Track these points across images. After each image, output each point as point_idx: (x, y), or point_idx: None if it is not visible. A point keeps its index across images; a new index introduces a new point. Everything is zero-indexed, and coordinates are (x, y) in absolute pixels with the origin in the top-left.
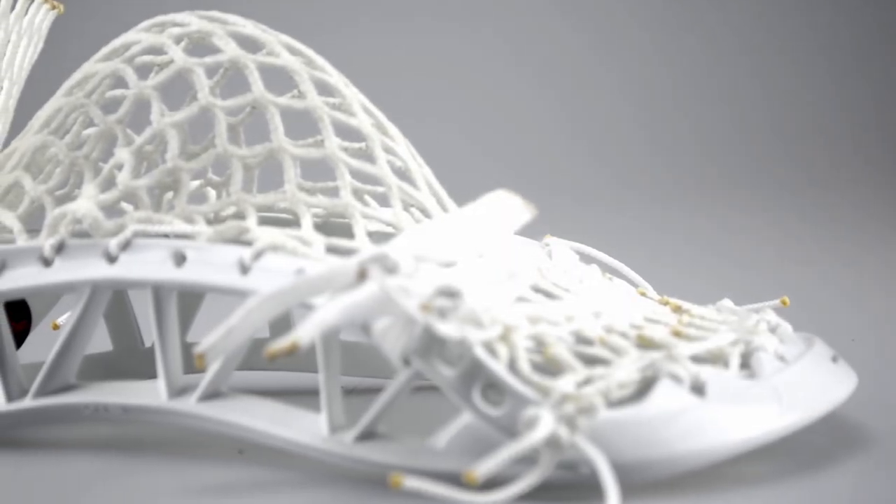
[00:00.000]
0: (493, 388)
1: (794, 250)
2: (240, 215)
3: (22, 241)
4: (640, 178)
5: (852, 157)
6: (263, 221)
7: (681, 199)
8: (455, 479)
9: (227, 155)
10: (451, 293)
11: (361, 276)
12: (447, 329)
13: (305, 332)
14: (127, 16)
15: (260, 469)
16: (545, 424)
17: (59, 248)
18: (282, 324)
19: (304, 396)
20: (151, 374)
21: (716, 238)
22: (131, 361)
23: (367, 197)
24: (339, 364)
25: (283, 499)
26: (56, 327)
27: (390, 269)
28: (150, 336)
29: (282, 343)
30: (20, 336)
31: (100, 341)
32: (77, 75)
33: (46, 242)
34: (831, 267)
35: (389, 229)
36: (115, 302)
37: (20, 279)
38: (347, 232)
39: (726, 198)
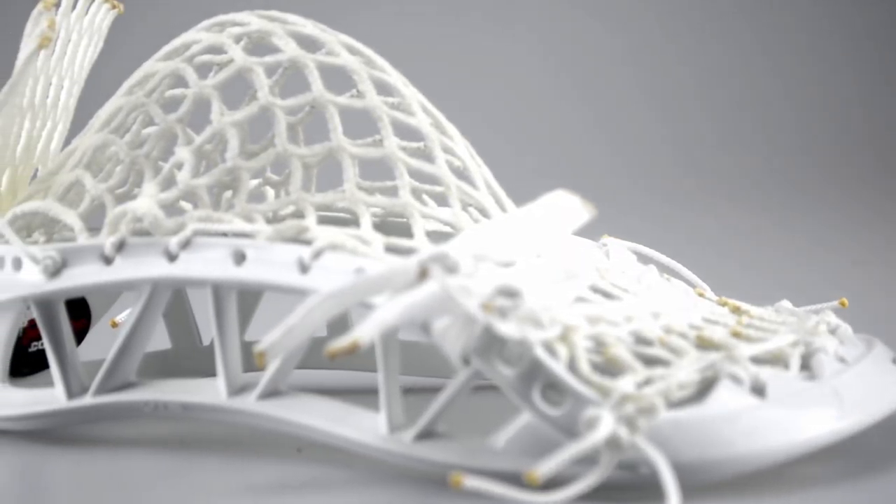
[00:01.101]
0: (553, 388)
1: (854, 251)
2: (299, 214)
3: (83, 239)
4: (664, 180)
5: (873, 159)
6: (322, 221)
7: (699, 200)
8: (514, 479)
9: (286, 154)
10: (511, 293)
11: (423, 275)
12: (507, 329)
13: (366, 331)
14: (187, 15)
15: (318, 468)
16: (605, 425)
17: (120, 247)
18: (340, 323)
19: (363, 395)
20: (210, 373)
21: (744, 239)
22: (190, 359)
23: (425, 196)
24: (399, 363)
25: (341, 497)
26: (115, 325)
27: (450, 268)
28: (208, 334)
29: (342, 342)
30: (80, 334)
31: (159, 339)
32: (137, 74)
33: (107, 241)
34: (889, 269)
35: (447, 229)
36: (173, 300)
37: (81, 277)
38: (405, 231)
39: (747, 199)
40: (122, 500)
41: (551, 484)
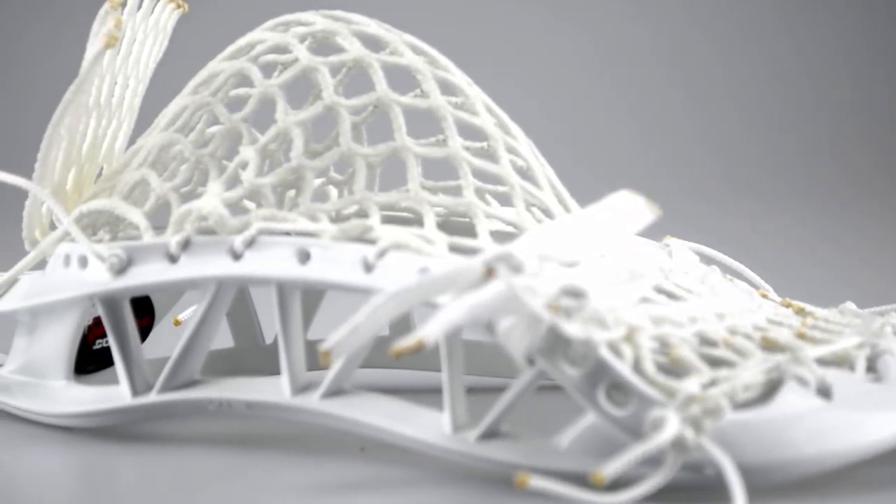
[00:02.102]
0: (618, 389)
1: None
2: (362, 213)
3: (148, 237)
4: (725, 181)
5: None
6: (385, 220)
7: (759, 201)
8: (578, 479)
9: (350, 154)
10: (576, 293)
11: (488, 274)
12: (572, 329)
13: (431, 330)
14: (251, 15)
15: (382, 467)
16: (671, 426)
17: (185, 245)
18: (402, 323)
19: (425, 395)
20: (272, 371)
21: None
22: (252, 358)
23: (487, 196)
24: (463, 362)
25: (404, 497)
26: (177, 323)
27: (516, 268)
28: (270, 333)
29: (408, 341)
30: (143, 332)
31: (220, 338)
32: (202, 74)
33: (172, 239)
34: None
35: (510, 229)
36: (236, 298)
37: (146, 275)
38: (468, 231)
39: (809, 200)
40: (185, 498)
41: (615, 485)
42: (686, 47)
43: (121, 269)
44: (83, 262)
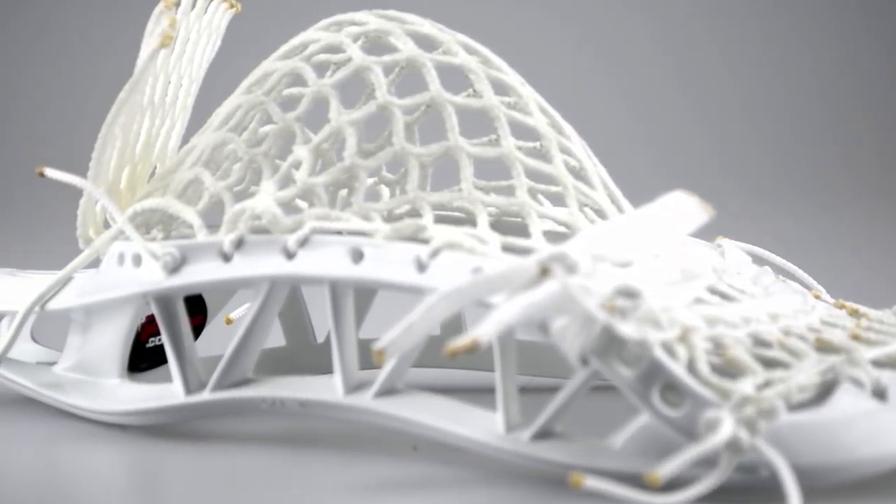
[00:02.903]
0: (672, 390)
1: None
2: (415, 213)
3: (202, 236)
4: (772, 183)
5: None
6: (437, 220)
7: (812, 203)
8: (632, 480)
9: (403, 153)
10: (631, 293)
11: (543, 274)
12: (627, 329)
13: (486, 330)
14: (304, 15)
15: (434, 466)
16: (726, 427)
17: (239, 244)
18: (454, 322)
19: (477, 394)
20: (323, 370)
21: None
22: (304, 356)
23: (540, 196)
24: (516, 362)
25: (457, 496)
26: (229, 322)
27: (570, 268)
28: (322, 331)
29: (462, 341)
30: (196, 330)
31: (272, 336)
32: (256, 73)
33: (226, 238)
34: None
35: (563, 229)
36: (288, 297)
37: (200, 274)
38: (520, 231)
39: (859, 202)
40: (237, 496)
41: (669, 485)
42: (701, 51)
43: (174, 267)
44: (137, 260)
